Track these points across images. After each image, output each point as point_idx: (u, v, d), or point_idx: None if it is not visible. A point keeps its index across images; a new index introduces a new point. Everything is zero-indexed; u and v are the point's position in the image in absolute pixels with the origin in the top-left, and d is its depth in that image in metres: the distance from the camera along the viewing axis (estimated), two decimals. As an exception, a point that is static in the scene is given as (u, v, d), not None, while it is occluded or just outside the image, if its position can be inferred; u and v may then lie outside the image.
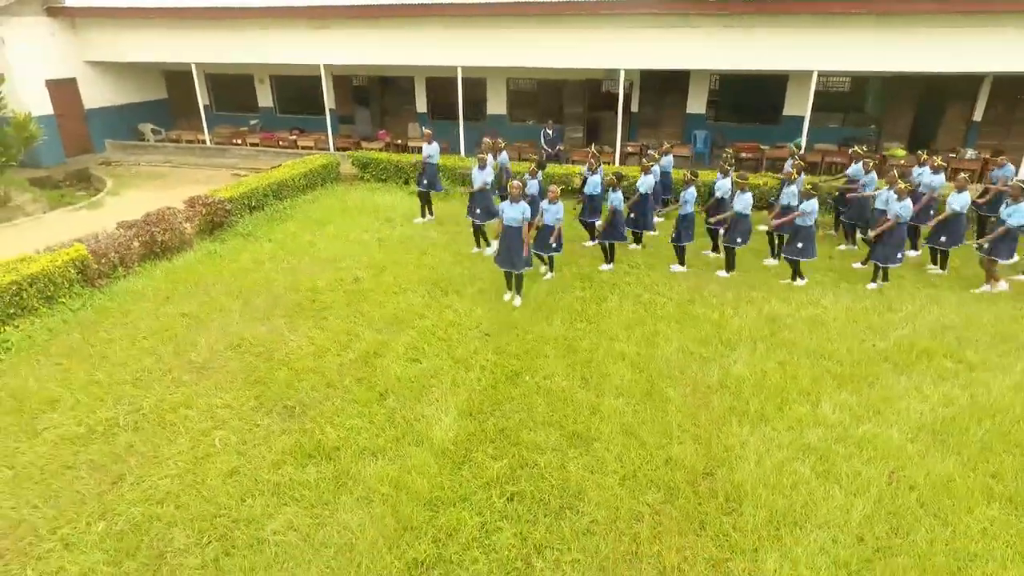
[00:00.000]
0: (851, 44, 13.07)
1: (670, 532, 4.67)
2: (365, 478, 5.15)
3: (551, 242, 8.85)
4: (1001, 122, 14.88)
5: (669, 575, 4.31)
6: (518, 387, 6.52)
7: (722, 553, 4.49)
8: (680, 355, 7.19)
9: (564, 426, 5.88)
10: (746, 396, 6.36)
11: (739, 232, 9.29)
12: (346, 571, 4.29)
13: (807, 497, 5.00)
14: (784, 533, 4.65)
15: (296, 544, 4.50)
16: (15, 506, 4.79)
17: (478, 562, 4.36)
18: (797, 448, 5.60)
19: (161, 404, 6.06)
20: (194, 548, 4.45)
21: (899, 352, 7.24)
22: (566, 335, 7.63)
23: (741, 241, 9.34)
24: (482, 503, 4.91)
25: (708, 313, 8.22)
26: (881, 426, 5.91)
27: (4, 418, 5.81)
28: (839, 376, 6.76)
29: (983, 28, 12.26)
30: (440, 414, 6.02)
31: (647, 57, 14.50)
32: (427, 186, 11.67)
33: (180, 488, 5.00)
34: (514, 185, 8.03)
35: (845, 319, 8.11)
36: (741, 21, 13.48)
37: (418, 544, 4.49)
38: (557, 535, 4.63)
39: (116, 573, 4.23)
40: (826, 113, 16.15)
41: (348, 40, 16.11)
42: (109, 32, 17.76)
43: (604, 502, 4.94)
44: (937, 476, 5.24)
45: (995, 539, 4.61)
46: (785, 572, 4.31)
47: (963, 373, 6.84)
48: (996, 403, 6.26)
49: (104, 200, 13.71)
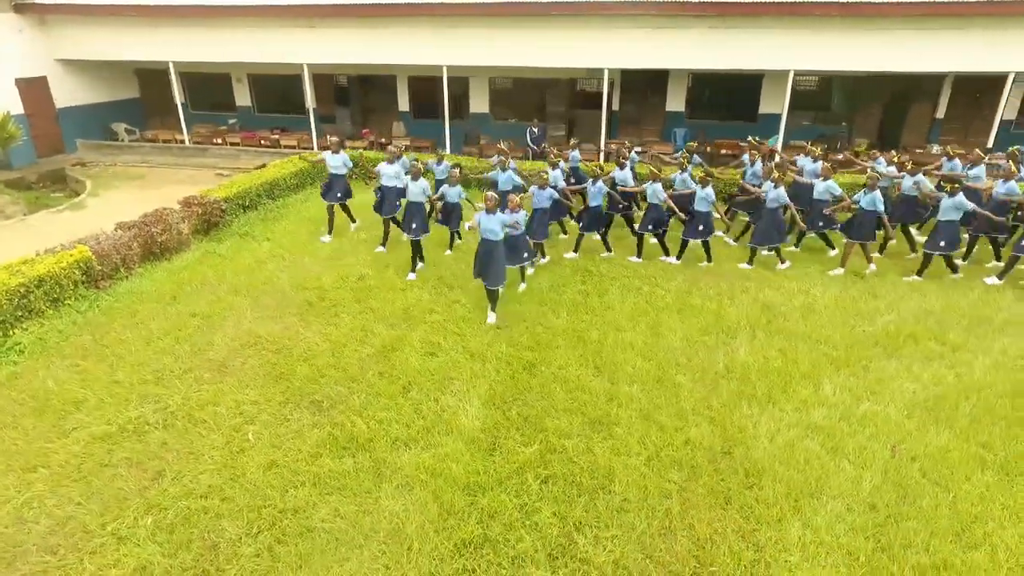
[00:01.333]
0: (824, 45, 13.66)
1: (698, 507, 4.97)
2: (402, 467, 5.32)
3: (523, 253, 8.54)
4: (961, 119, 15.71)
5: (703, 546, 4.59)
6: (535, 377, 6.75)
7: (749, 524, 4.80)
8: (685, 344, 7.51)
9: (584, 413, 6.13)
10: (752, 380, 6.71)
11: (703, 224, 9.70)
12: (398, 554, 4.46)
13: (820, 471, 5.35)
14: (803, 504, 4.99)
15: (345, 530, 4.65)
16: (58, 503, 4.82)
17: (523, 540, 4.58)
18: (805, 427, 5.96)
19: (188, 402, 6.11)
20: (246, 538, 4.56)
21: (887, 336, 7.70)
22: (574, 327, 7.89)
23: (704, 231, 9.73)
24: (518, 486, 5.13)
25: (706, 304, 8.57)
26: (879, 404, 6.32)
27: (31, 419, 5.79)
28: (835, 360, 7.16)
29: (944, 30, 12.95)
30: (464, 404, 6.21)
31: (631, 57, 14.88)
32: (337, 198, 10.44)
33: (222, 482, 5.09)
34: (488, 197, 7.78)
35: (834, 307, 8.55)
36: (722, 22, 13.94)
37: (463, 526, 4.69)
38: (593, 514, 4.88)
39: (173, 564, 4.32)
40: (799, 112, 16.77)
41: (332, 39, 16.10)
42: (80, 29, 17.37)
43: (633, 482, 5.21)
44: (934, 448, 5.66)
45: (992, 502, 5.02)
46: (808, 539, 4.64)
47: (947, 354, 7.32)
48: (980, 380, 6.74)
49: (86, 201, 13.45)
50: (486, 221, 7.71)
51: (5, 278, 7.18)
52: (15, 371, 6.54)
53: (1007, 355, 7.27)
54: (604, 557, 4.46)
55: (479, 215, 7.81)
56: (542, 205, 9.43)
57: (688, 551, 4.54)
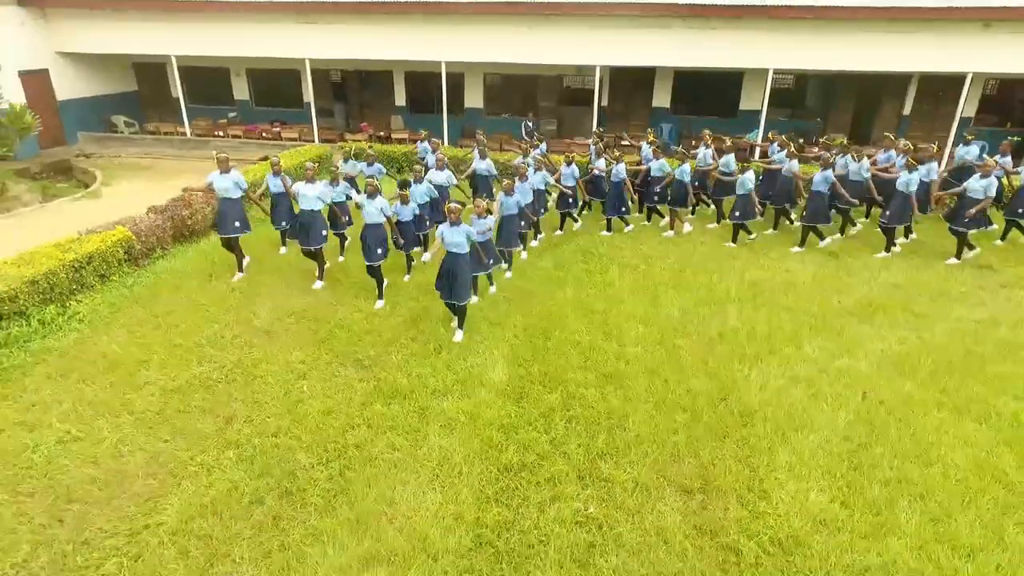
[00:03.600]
0: (799, 45, 14.67)
1: (701, 440, 5.81)
2: (444, 411, 6.08)
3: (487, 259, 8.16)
4: (927, 116, 16.87)
5: (707, 468, 5.43)
6: (550, 341, 7.54)
7: (744, 452, 5.65)
8: (681, 313, 8.36)
9: (597, 369, 6.95)
10: (742, 342, 7.59)
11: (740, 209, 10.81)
12: (451, 476, 5.23)
13: (802, 412, 6.23)
14: (789, 437, 5.86)
15: (403, 459, 5.41)
16: (148, 442, 5.51)
17: (556, 464, 5.38)
18: (789, 378, 6.84)
19: (243, 361, 6.80)
20: (318, 466, 5.30)
21: (860, 307, 8.63)
22: (580, 300, 8.70)
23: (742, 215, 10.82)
24: (546, 426, 5.93)
25: (698, 279, 9.45)
26: (852, 360, 7.23)
27: (106, 376, 6.44)
28: (814, 326, 8.07)
29: (907, 33, 14.03)
30: (490, 363, 6.99)
31: (619, 55, 15.75)
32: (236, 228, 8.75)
33: (288, 424, 5.81)
34: (451, 208, 7.20)
35: (813, 282, 9.48)
36: (705, 24, 14.87)
37: (503, 455, 5.47)
38: (612, 446, 5.69)
39: (259, 485, 5.04)
40: (777, 108, 17.81)
41: (332, 35, 16.69)
42: (81, 22, 17.71)
43: (644, 422, 6.04)
44: (899, 394, 6.57)
45: (945, 433, 5.93)
46: (794, 462, 5.50)
47: (912, 321, 8.29)
48: (939, 341, 7.70)
49: (100, 191, 13.91)
50: (450, 235, 7.21)
51: (59, 254, 7.77)
52: (80, 337, 7.17)
53: (962, 321, 8.26)
54: (624, 476, 5.28)
55: (441, 229, 7.34)
56: (511, 212, 9.12)
57: (695, 472, 5.38)
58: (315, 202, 8.52)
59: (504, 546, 4.55)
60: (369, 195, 8.16)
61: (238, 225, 8.76)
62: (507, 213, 9.11)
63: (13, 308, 7.02)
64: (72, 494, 4.90)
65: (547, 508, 4.92)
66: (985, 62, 13.91)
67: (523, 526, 4.74)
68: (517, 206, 9.18)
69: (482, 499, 4.99)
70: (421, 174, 9.58)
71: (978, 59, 13.82)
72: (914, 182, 10.10)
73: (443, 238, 7.29)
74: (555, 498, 5.03)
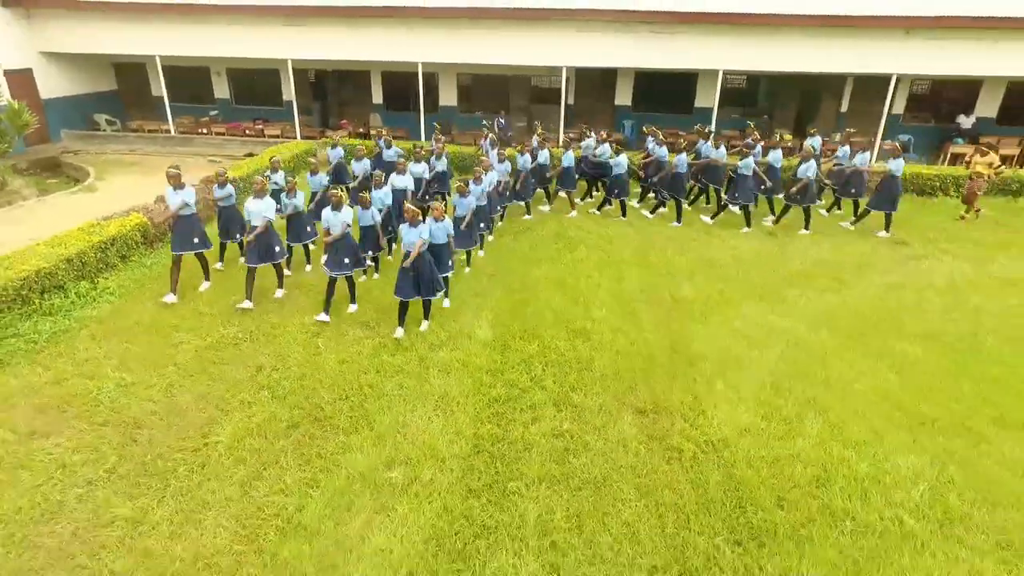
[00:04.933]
0: (746, 48, 16.13)
1: (655, 377, 7.06)
2: (440, 360, 7.23)
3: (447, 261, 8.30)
4: (862, 113, 18.54)
5: (658, 397, 6.68)
6: (529, 306, 8.73)
7: (689, 385, 6.91)
8: (642, 284, 9.63)
9: (568, 327, 8.15)
10: (693, 307, 8.88)
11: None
12: (450, 405, 6.38)
13: (739, 356, 7.54)
14: (727, 374, 7.15)
15: (410, 395, 6.54)
16: (193, 386, 6.52)
17: (536, 395, 6.58)
18: (729, 331, 8.16)
19: (262, 325, 7.84)
20: (339, 401, 6.39)
21: (795, 277, 10.03)
22: (553, 275, 9.90)
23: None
24: (527, 369, 7.11)
25: (658, 257, 10.76)
26: (784, 318, 8.59)
27: (146, 336, 7.43)
28: (755, 294, 9.40)
29: (839, 38, 15.61)
30: (476, 322, 8.15)
31: (585, 57, 17.03)
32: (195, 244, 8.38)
33: (310, 371, 6.89)
34: (409, 209, 7.45)
35: (756, 258, 10.87)
36: (662, 28, 16.24)
37: (492, 391, 6.65)
38: (581, 382, 6.90)
39: (293, 414, 6.12)
40: (729, 106, 19.32)
41: (315, 37, 17.58)
42: (64, 23, 18.23)
43: (608, 365, 7.27)
44: (819, 342, 7.94)
45: (851, 368, 7.30)
46: (729, 391, 6.79)
47: (837, 287, 9.70)
48: (858, 303, 9.12)
49: (95, 185, 14.61)
50: (408, 234, 7.43)
51: (86, 237, 8.67)
52: (115, 308, 8.10)
53: (876, 286, 9.72)
54: (591, 403, 6.50)
55: (402, 227, 7.53)
56: (463, 213, 9.28)
57: (648, 399, 6.63)
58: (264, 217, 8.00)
59: (497, 452, 5.73)
60: (334, 207, 7.87)
61: (197, 241, 8.36)
62: (461, 214, 9.28)
63: (53, 283, 7.92)
64: (139, 423, 5.91)
65: (530, 426, 6.11)
66: (906, 65, 15.59)
67: (511, 438, 5.92)
68: (469, 209, 9.33)
69: (477, 421, 6.16)
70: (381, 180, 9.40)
71: (900, 62, 15.48)
72: (748, 166, 11.98)
73: (403, 239, 7.50)
74: (536, 419, 6.23)
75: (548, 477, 5.42)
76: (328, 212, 7.93)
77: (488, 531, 4.83)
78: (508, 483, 5.33)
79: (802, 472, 5.54)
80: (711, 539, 4.80)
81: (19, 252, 8.12)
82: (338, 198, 7.86)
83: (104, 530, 4.69)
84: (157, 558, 4.48)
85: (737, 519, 5.00)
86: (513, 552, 4.63)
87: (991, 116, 18.02)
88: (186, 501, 5.01)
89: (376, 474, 5.37)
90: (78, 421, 5.91)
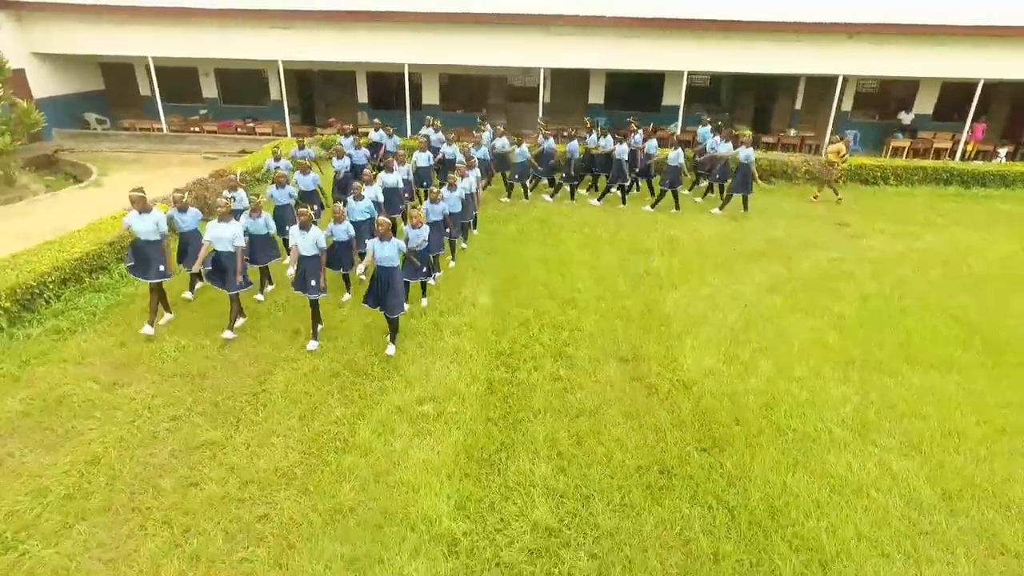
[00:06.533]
0: (709, 51, 17.61)
1: (632, 333, 8.33)
2: (450, 323, 8.39)
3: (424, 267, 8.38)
4: (813, 110, 20.22)
5: (637, 348, 7.95)
6: (521, 280, 9.94)
7: (662, 339, 8.20)
8: (617, 261, 10.93)
9: (558, 297, 9.38)
10: (662, 277, 10.20)
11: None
12: (463, 358, 7.54)
13: (703, 315, 8.87)
14: (694, 330, 8.46)
15: (427, 351, 7.69)
16: (242, 347, 7.58)
17: (536, 349, 7.79)
18: (695, 297, 9.49)
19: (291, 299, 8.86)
20: (371, 356, 7.50)
21: (749, 253, 11.44)
22: (540, 255, 11.12)
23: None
24: (525, 329, 8.32)
25: (630, 237, 12.08)
26: (740, 285, 9.97)
27: (190, 309, 8.45)
28: (715, 266, 10.78)
29: (791, 42, 17.19)
30: (476, 294, 9.33)
31: (560, 58, 18.30)
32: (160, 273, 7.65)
33: (340, 334, 7.99)
34: (381, 222, 7.27)
35: (716, 238, 12.27)
36: (631, 32, 17.60)
37: (498, 346, 7.84)
38: (572, 339, 8.14)
39: (334, 365, 7.21)
40: (695, 103, 20.80)
41: (304, 39, 18.48)
42: (56, 25, 18.77)
43: (593, 325, 8.52)
44: (770, 305, 9.32)
45: (797, 324, 8.69)
46: (696, 343, 8.10)
47: (786, 261, 11.14)
48: (801, 273, 10.56)
49: (101, 180, 15.33)
50: (380, 249, 7.21)
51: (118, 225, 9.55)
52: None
53: (819, 260, 11.20)
54: (582, 354, 7.74)
55: (371, 243, 7.33)
56: (435, 218, 9.17)
57: (629, 350, 7.90)
58: (230, 244, 7.51)
59: (507, 391, 6.93)
60: (302, 226, 7.36)
61: (162, 270, 7.61)
62: (433, 219, 9.07)
63: (99, 264, 8.84)
64: (203, 375, 6.96)
65: (533, 372, 7.33)
66: (850, 66, 17.25)
67: (518, 381, 7.13)
68: (442, 214, 9.32)
69: (488, 368, 7.35)
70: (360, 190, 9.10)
71: (845, 63, 17.12)
72: (623, 152, 13.60)
73: (374, 253, 7.26)
74: (537, 367, 7.44)
75: (551, 409, 6.64)
76: (295, 231, 7.42)
77: (506, 447, 6.03)
78: (519, 413, 6.54)
79: (755, 400, 6.87)
80: (683, 447, 6.08)
81: (65, 237, 9.01)
82: (307, 216, 7.33)
83: (196, 451, 5.76)
84: (243, 470, 5.56)
85: (703, 433, 6.30)
86: (528, 459, 5.84)
87: (928, 113, 19.88)
88: (257, 431, 6.10)
89: (411, 408, 6.52)
90: (151, 374, 6.92)
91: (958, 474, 5.75)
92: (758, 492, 5.45)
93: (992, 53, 16.70)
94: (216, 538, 4.81)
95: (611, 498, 5.38)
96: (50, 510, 5.01)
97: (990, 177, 16.16)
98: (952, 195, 15.89)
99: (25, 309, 7.73)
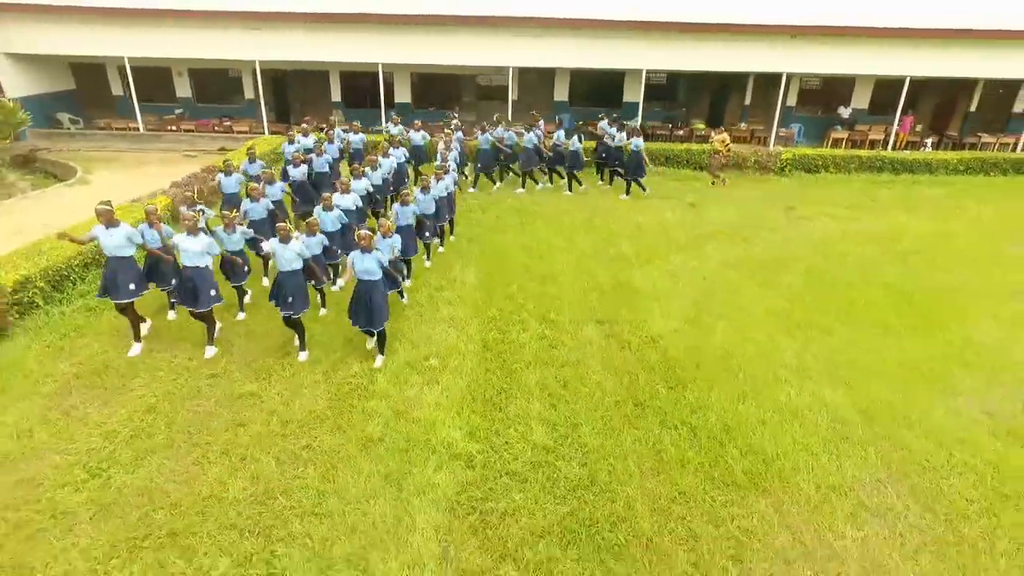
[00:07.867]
0: (665, 51, 18.93)
1: (604, 303, 9.44)
2: (443, 297, 9.38)
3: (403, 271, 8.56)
4: (762, 105, 21.79)
5: (611, 314, 9.05)
6: (503, 262, 10.97)
7: (632, 308, 9.34)
8: (590, 245, 12.05)
9: (537, 276, 10.43)
10: (631, 258, 11.36)
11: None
12: (459, 325, 8.53)
13: (668, 288, 10.05)
14: (660, 299, 9.62)
15: (427, 320, 8.66)
16: (261, 326, 8.41)
17: (523, 315, 8.84)
18: (661, 273, 10.68)
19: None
20: (376, 324, 8.44)
21: (708, 236, 12.70)
22: (518, 241, 12.15)
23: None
24: (511, 301, 9.36)
25: (601, 224, 13.22)
26: (701, 263, 11.20)
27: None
28: (678, 248, 11.99)
29: (740, 42, 18.64)
30: (465, 273, 10.33)
31: (527, 58, 19.38)
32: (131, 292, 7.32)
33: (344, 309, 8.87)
34: (362, 235, 6.97)
35: (679, 222, 13.52)
36: (593, 33, 18.80)
37: (487, 314, 8.86)
38: (554, 307, 9.20)
39: (344, 334, 8.12)
40: (654, 100, 22.14)
41: (279, 40, 19.10)
42: (31, 26, 18.94)
43: (572, 297, 9.61)
44: (728, 279, 10.55)
45: (753, 300, 9.90)
46: (663, 309, 9.26)
47: (742, 242, 12.43)
48: (756, 252, 11.86)
49: (87, 179, 15.74)
50: (360, 262, 7.04)
51: (130, 215, 10.25)
52: (167, 268, 9.76)
53: (771, 240, 12.54)
54: (563, 319, 8.82)
55: (351, 256, 7.15)
56: (407, 222, 9.18)
57: (605, 315, 9.01)
58: (200, 258, 7.24)
59: (501, 349, 7.96)
60: (282, 239, 7.17)
61: (134, 288, 7.27)
62: (403, 223, 9.05)
63: (114, 250, 9.51)
64: (230, 342, 7.80)
65: (521, 333, 8.37)
66: (793, 64, 18.81)
67: (509, 340, 8.17)
68: (414, 216, 9.36)
69: (482, 331, 8.38)
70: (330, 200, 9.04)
71: (789, 62, 18.67)
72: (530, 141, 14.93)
73: (354, 266, 7.12)
74: (524, 329, 8.50)
75: (539, 361, 7.70)
76: (276, 244, 7.23)
77: (504, 391, 7.06)
78: (512, 365, 7.58)
79: (713, 352, 8.05)
80: (653, 386, 7.22)
81: (79, 226, 9.66)
82: (286, 230, 7.19)
83: (238, 400, 6.63)
84: (282, 413, 6.47)
85: (669, 375, 7.44)
86: (523, 399, 6.88)
87: (864, 107, 21.65)
88: (288, 384, 7.00)
89: (419, 363, 7.50)
90: (183, 343, 7.73)
91: (876, 400, 7.03)
92: (715, 416, 6.62)
93: (919, 53, 18.46)
94: (269, 463, 5.72)
95: (595, 424, 6.48)
96: (122, 447, 5.84)
97: (917, 165, 17.91)
98: (885, 181, 17.56)
99: (56, 290, 8.41)
